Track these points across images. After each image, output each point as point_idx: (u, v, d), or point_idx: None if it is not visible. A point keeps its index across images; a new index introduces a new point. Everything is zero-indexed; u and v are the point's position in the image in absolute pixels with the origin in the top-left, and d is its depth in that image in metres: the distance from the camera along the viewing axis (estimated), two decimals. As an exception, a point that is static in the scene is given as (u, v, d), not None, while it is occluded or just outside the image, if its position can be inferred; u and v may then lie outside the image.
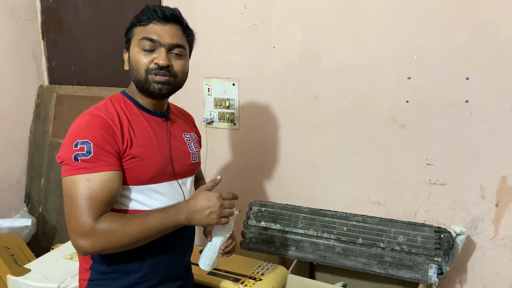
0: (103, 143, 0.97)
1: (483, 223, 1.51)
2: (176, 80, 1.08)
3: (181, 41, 1.08)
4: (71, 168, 0.96)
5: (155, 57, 1.04)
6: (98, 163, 0.96)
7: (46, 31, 2.35)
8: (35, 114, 2.38)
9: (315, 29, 1.63)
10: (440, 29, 1.43)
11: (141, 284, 1.09)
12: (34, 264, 1.54)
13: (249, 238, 1.57)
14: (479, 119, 1.44)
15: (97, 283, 1.08)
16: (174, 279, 1.16)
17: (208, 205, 1.01)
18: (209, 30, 1.83)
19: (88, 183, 0.95)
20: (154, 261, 1.09)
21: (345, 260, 1.43)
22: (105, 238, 0.95)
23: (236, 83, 1.83)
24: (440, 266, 1.32)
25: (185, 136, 1.20)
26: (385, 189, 1.63)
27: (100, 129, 0.98)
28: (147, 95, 1.09)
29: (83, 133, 0.97)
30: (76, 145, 0.95)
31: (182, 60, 1.09)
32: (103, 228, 0.94)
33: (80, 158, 0.95)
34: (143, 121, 1.08)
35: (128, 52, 1.09)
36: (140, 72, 1.04)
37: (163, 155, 1.09)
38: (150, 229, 0.97)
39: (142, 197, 1.05)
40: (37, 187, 2.35)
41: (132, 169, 1.02)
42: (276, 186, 1.85)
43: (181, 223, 1.01)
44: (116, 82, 2.19)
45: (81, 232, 0.94)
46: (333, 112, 1.66)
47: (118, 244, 0.97)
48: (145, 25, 1.04)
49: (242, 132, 1.87)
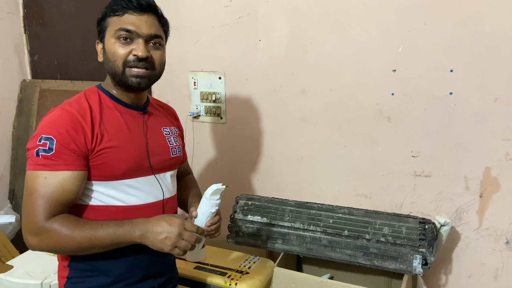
0: (68, 141, 0.95)
1: (468, 214, 1.52)
2: (154, 73, 1.06)
3: (159, 31, 1.06)
4: (32, 162, 0.95)
5: (133, 48, 1.01)
6: (57, 161, 0.94)
7: (28, 24, 2.30)
8: (18, 109, 2.33)
9: (301, 22, 1.62)
10: (425, 21, 1.44)
11: (121, 282, 1.07)
12: (17, 261, 1.51)
13: (235, 231, 1.57)
14: (463, 111, 1.45)
15: (76, 281, 1.06)
16: (158, 275, 1.14)
17: (166, 230, 0.95)
18: (194, 22, 1.81)
19: (45, 181, 0.93)
20: (133, 258, 1.06)
21: (331, 252, 1.43)
22: (52, 240, 0.93)
23: (223, 76, 1.81)
24: (425, 256, 1.33)
25: (164, 130, 1.16)
26: (372, 182, 1.64)
27: (67, 125, 0.96)
28: (124, 88, 1.06)
29: (49, 129, 0.95)
30: (40, 140, 0.94)
31: (160, 51, 1.06)
32: (51, 229, 0.93)
33: (41, 154, 0.94)
34: (116, 115, 1.05)
35: (102, 43, 1.05)
36: (117, 64, 1.01)
37: (138, 149, 1.06)
38: (100, 240, 0.94)
39: (117, 193, 1.03)
40: (21, 183, 2.31)
41: (103, 164, 1.00)
42: (263, 180, 1.84)
43: (134, 240, 0.96)
44: (100, 76, 2.14)
45: (30, 229, 0.94)
46: (320, 105, 1.66)
47: (65, 248, 0.95)
48: (120, 15, 1.01)
49: (229, 126, 1.86)
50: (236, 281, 1.44)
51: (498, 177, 1.46)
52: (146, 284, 1.11)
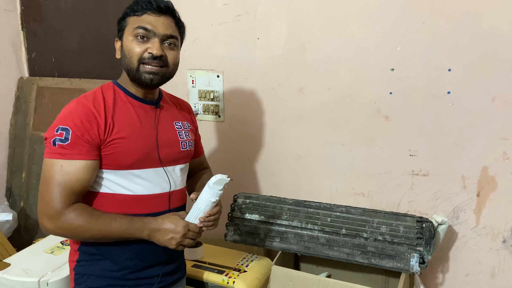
0: (82, 132, 1.01)
1: (465, 213, 1.53)
2: (167, 71, 1.11)
3: (175, 33, 1.11)
4: (49, 151, 1.01)
5: (149, 47, 1.06)
6: (73, 151, 1.00)
7: (25, 21, 2.29)
8: (15, 107, 2.32)
9: (300, 20, 1.62)
10: (423, 21, 1.44)
11: (127, 269, 1.11)
12: (14, 258, 1.51)
13: (233, 230, 1.57)
14: (461, 110, 1.46)
15: (84, 264, 1.12)
16: (164, 263, 1.18)
17: (172, 230, 1.05)
18: (193, 21, 1.80)
19: (61, 169, 1.00)
20: (139, 246, 1.10)
21: (329, 251, 1.43)
22: (68, 227, 1.01)
23: (221, 74, 1.81)
24: (422, 255, 1.33)
25: (176, 124, 1.21)
26: (369, 180, 1.64)
27: (82, 117, 1.02)
28: (138, 84, 1.11)
29: (65, 120, 1.02)
30: (57, 130, 1.00)
31: (175, 51, 1.12)
32: (69, 218, 1.00)
33: (58, 143, 1.00)
34: (129, 108, 1.11)
35: (121, 41, 1.11)
36: (132, 61, 1.07)
37: (147, 141, 1.11)
38: (112, 233, 1.03)
39: (125, 182, 1.08)
40: (18, 181, 2.30)
41: (114, 154, 1.05)
42: (261, 178, 1.84)
43: (142, 237, 1.06)
44: (98, 73, 2.14)
45: (49, 215, 1.00)
46: (318, 104, 1.66)
47: (79, 237, 1.06)
48: (140, 15, 1.07)
49: (227, 125, 1.86)
50: (233, 279, 1.45)
51: (495, 176, 1.46)
52: (152, 272, 1.16)
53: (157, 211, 1.13)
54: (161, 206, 1.15)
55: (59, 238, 1.64)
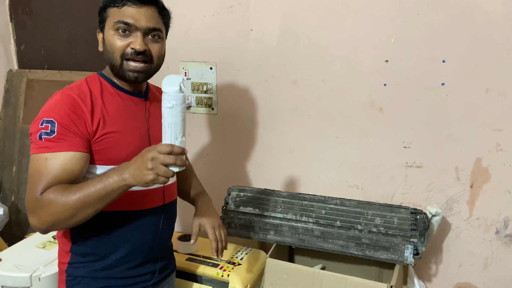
0: (68, 123, 0.96)
1: (458, 204, 1.53)
2: (152, 67, 1.07)
3: (158, 24, 1.06)
4: (35, 146, 0.96)
5: (131, 42, 1.02)
6: (59, 143, 0.95)
7: (14, 13, 2.24)
8: (5, 100, 2.28)
9: (293, 11, 1.60)
10: (417, 11, 1.43)
11: (122, 265, 1.09)
12: (5, 253, 1.49)
13: (227, 223, 1.56)
14: (455, 101, 1.46)
15: (77, 266, 1.08)
16: (158, 259, 1.17)
17: (139, 159, 0.90)
18: (185, 12, 1.77)
19: (46, 162, 0.94)
20: (133, 243, 1.09)
21: (324, 243, 1.43)
22: (48, 212, 0.92)
23: (214, 67, 1.79)
24: (416, 246, 1.34)
25: None
26: (363, 173, 1.64)
27: (67, 108, 0.97)
28: (122, 80, 1.08)
29: (50, 112, 0.97)
30: (42, 123, 0.95)
31: (159, 43, 1.07)
32: (45, 200, 0.92)
33: (44, 136, 0.95)
34: (118, 101, 1.07)
35: (103, 33, 1.06)
36: (115, 56, 1.03)
37: (140, 135, 1.08)
38: (88, 195, 0.91)
39: None
40: (8, 175, 2.27)
41: (107, 149, 1.02)
42: (255, 171, 1.83)
43: (124, 184, 0.91)
44: (89, 66, 2.11)
45: (29, 208, 0.95)
46: (312, 96, 1.65)
47: (62, 217, 0.92)
48: (120, 6, 1.01)
49: (220, 117, 1.84)
50: (228, 272, 1.44)
51: (488, 167, 1.47)
52: (147, 268, 1.14)
53: (152, 206, 1.12)
54: (156, 201, 1.13)
55: (51, 233, 1.62)
